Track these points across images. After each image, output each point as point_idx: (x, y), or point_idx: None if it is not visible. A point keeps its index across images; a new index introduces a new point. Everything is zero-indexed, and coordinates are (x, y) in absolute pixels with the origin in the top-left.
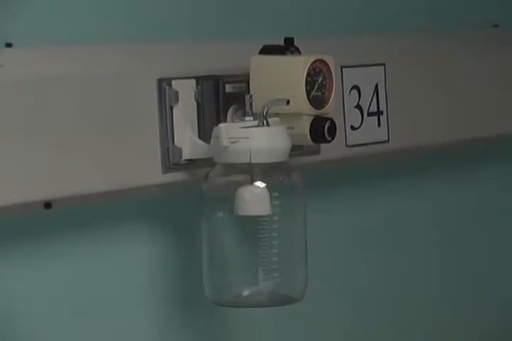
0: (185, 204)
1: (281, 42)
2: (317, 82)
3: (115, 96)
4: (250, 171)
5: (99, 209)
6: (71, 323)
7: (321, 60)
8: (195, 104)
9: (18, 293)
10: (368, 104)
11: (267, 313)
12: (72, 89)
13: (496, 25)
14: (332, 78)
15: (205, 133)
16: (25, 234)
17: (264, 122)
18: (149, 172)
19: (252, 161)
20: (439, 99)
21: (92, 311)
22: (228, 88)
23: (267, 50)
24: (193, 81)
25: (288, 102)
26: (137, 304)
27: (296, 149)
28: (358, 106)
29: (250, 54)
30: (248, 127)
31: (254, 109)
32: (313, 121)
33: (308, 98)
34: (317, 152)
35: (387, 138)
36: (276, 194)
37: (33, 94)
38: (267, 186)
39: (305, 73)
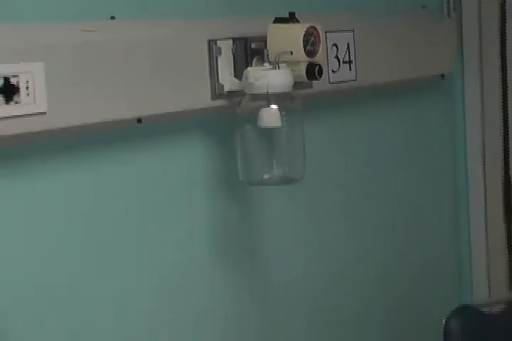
0: (226, 120)
1: (287, 15)
2: (310, 41)
3: (182, 51)
4: (268, 98)
5: (171, 124)
6: (150, 205)
7: (313, 27)
8: (232, 56)
9: (115, 184)
10: (343, 55)
11: (280, 191)
12: (154, 47)
13: (424, 7)
14: (320, 38)
15: (238, 74)
16: (122, 141)
17: (277, 66)
18: (203, 99)
19: (269, 92)
20: (390, 52)
21: (167, 196)
22: (253, 45)
23: (278, 20)
24: (231, 41)
25: (292, 53)
26: (196, 187)
27: (297, 84)
28: (337, 57)
29: (267, 23)
30: (266, 70)
31: (270, 58)
32: (308, 66)
33: (304, 51)
34: (310, 86)
35: (355, 78)
36: (284, 113)
37: (125, 50)
38: (278, 108)
39: (302, 34)
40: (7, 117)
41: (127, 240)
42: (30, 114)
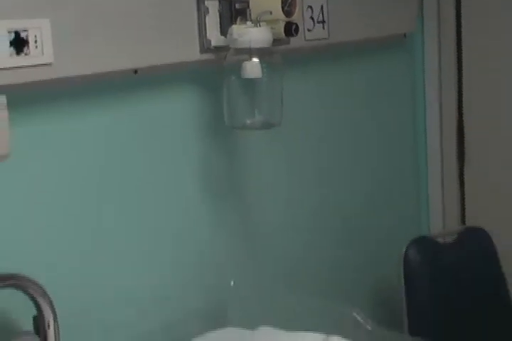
0: (214, 72)
1: None
2: (288, 2)
3: (174, 9)
4: (250, 52)
5: (164, 75)
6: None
7: None
8: (218, 14)
9: (114, 130)
10: (317, 16)
11: (261, 136)
12: (149, 5)
13: None
14: (296, 0)
15: (224, 31)
16: (119, 91)
17: (258, 24)
18: (193, 53)
19: (251, 46)
20: (358, 13)
21: (161, 140)
22: (237, 6)
23: None
24: (217, 1)
25: (271, 13)
26: (187, 132)
27: (276, 41)
28: (312, 18)
29: None
30: (249, 27)
31: (252, 17)
32: (285, 24)
33: (283, 11)
34: (288, 43)
35: (327, 36)
36: (264, 65)
37: (124, 7)
38: (259, 61)
39: None
40: (18, 67)
41: (127, 179)
42: (38, 65)
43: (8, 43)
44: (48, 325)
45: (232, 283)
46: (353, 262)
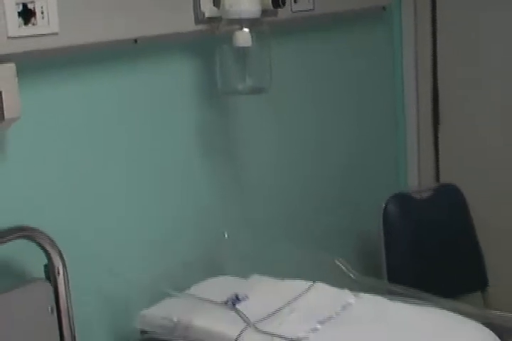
0: (208, 41)
1: None
2: None
3: None
4: (240, 22)
5: (161, 44)
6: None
7: None
8: None
9: (116, 94)
10: None
11: (252, 100)
12: None
13: None
14: None
15: (217, 3)
16: (120, 59)
17: None
18: (188, 24)
19: (241, 17)
20: None
21: (159, 103)
22: None
23: None
24: None
25: None
26: (184, 96)
27: (265, 12)
28: None
29: None
30: None
31: None
32: None
33: None
34: (275, 14)
35: (313, 8)
36: (254, 35)
37: None
38: (249, 31)
39: None
40: (26, 36)
41: (127, 140)
42: (45, 34)
43: (16, 14)
44: (58, 272)
45: (226, 235)
46: (337, 217)
